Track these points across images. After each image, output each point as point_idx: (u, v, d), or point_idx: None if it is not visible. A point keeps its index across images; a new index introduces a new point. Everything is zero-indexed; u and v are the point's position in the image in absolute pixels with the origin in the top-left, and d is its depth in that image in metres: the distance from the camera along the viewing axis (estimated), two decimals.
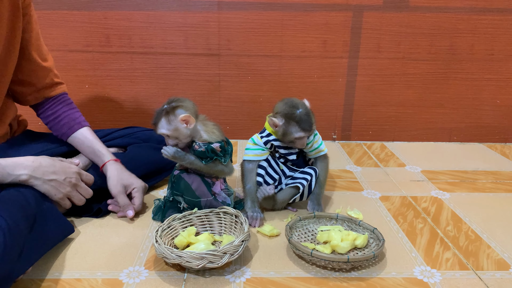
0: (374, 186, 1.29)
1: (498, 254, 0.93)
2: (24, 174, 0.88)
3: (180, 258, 0.80)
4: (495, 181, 1.36)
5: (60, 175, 0.93)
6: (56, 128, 1.14)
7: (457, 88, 1.71)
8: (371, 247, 0.93)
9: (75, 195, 0.97)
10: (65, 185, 0.94)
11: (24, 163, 0.89)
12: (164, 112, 0.96)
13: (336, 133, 1.76)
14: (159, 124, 0.97)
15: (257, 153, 1.08)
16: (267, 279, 0.83)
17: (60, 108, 1.13)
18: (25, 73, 1.07)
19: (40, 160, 0.92)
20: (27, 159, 0.90)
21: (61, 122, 1.13)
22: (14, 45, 1.00)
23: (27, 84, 1.09)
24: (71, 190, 0.96)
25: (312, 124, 1.00)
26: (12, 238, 0.73)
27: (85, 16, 1.55)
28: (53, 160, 0.95)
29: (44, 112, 1.14)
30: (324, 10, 1.59)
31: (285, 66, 1.66)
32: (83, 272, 0.84)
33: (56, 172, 0.93)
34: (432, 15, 1.61)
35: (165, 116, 0.96)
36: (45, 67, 1.09)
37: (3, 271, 0.70)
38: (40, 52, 1.08)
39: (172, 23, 1.58)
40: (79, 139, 1.12)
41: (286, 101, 1.02)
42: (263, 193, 1.06)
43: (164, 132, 0.97)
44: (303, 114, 0.99)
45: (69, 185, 0.95)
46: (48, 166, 0.92)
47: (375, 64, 1.67)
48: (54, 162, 0.94)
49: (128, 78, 1.64)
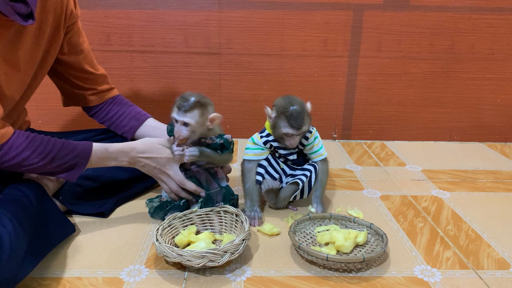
0: (375, 185, 1.29)
1: (498, 253, 0.94)
2: (125, 161, 0.99)
3: (181, 257, 0.80)
4: (495, 180, 1.36)
5: (151, 162, 1.01)
6: (123, 125, 1.18)
7: (458, 88, 1.71)
8: (371, 243, 0.93)
9: (167, 181, 1.04)
10: (155, 171, 1.03)
11: (125, 149, 0.98)
12: (198, 104, 0.96)
13: (336, 132, 1.76)
14: (190, 113, 0.95)
15: (257, 152, 1.08)
16: (267, 278, 0.83)
17: (122, 107, 1.19)
18: (83, 81, 1.13)
19: (136, 147, 1.00)
20: (129, 147, 0.99)
21: (128, 117, 1.18)
22: (49, 59, 1.03)
23: (87, 89, 1.15)
24: (162, 176, 1.03)
25: (302, 123, 0.99)
26: (17, 240, 0.73)
27: (86, 14, 1.55)
28: (150, 145, 1.02)
29: (107, 114, 1.19)
30: (325, 9, 1.59)
31: (285, 65, 1.66)
32: (83, 270, 0.84)
33: (148, 159, 1.01)
34: (433, 14, 1.61)
35: (199, 108, 0.96)
36: (99, 75, 1.16)
37: (10, 272, 0.70)
38: (92, 64, 1.14)
39: (173, 22, 1.58)
40: (152, 127, 1.18)
41: (285, 97, 1.03)
42: (268, 185, 1.05)
43: (191, 122, 0.95)
44: (295, 111, 0.98)
45: (158, 172, 1.03)
46: (141, 154, 1.00)
47: (376, 63, 1.67)
48: (147, 148, 1.01)
49: (128, 76, 1.64)
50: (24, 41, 0.91)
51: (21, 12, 0.82)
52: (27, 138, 0.86)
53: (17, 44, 0.89)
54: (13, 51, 0.89)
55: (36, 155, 0.86)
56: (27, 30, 0.90)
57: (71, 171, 0.92)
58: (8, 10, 0.79)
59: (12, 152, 0.84)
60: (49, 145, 0.88)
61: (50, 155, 0.88)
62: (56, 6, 0.97)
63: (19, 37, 0.89)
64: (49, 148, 0.88)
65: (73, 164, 0.91)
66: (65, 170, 0.91)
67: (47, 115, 1.64)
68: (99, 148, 0.95)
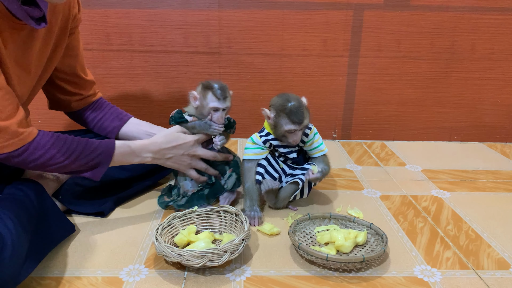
0: (375, 185, 1.29)
1: (499, 254, 0.93)
2: (149, 157, 1.00)
3: (180, 257, 0.80)
4: (495, 180, 1.36)
5: (178, 150, 1.03)
6: (106, 125, 1.18)
7: (458, 87, 1.71)
8: (371, 243, 0.93)
9: (197, 164, 1.07)
10: (184, 158, 1.04)
11: (149, 146, 1.00)
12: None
13: (336, 132, 1.76)
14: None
15: (256, 152, 1.08)
16: (267, 278, 0.83)
17: (104, 108, 1.20)
18: (72, 85, 1.13)
19: (159, 141, 1.02)
20: (152, 142, 1.01)
21: (110, 117, 1.18)
22: (53, 61, 1.03)
23: (73, 94, 1.15)
24: (192, 161, 1.06)
25: (303, 117, 0.99)
26: (19, 239, 0.73)
27: (85, 14, 1.55)
28: (171, 135, 1.03)
29: (89, 115, 1.19)
30: (325, 8, 1.59)
31: (285, 64, 1.66)
32: (83, 270, 0.84)
33: (175, 148, 1.03)
34: (433, 14, 1.61)
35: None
36: (89, 81, 1.16)
37: (12, 272, 0.70)
38: (83, 68, 1.14)
39: (173, 21, 1.58)
40: (135, 124, 1.19)
41: (280, 95, 1.03)
42: (268, 185, 1.05)
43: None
44: (294, 107, 0.98)
45: (188, 158, 1.05)
46: (166, 145, 1.02)
47: (376, 63, 1.67)
48: (170, 139, 1.03)
49: (128, 76, 1.64)
50: (35, 44, 0.91)
51: (34, 16, 0.82)
52: (52, 137, 0.87)
53: (29, 47, 0.89)
54: (25, 54, 0.89)
55: (62, 154, 0.87)
56: (38, 33, 0.91)
57: (96, 169, 0.93)
58: (22, 14, 0.80)
59: (38, 152, 0.85)
60: (73, 143, 0.89)
61: (75, 153, 0.89)
62: (64, 9, 0.98)
63: (30, 40, 0.89)
64: (73, 146, 0.89)
65: (97, 162, 0.93)
66: (89, 168, 0.93)
67: (47, 115, 1.64)
68: (122, 145, 0.97)
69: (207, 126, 1.06)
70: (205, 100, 1.04)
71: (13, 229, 0.73)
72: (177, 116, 1.08)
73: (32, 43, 0.90)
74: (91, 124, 1.19)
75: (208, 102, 1.03)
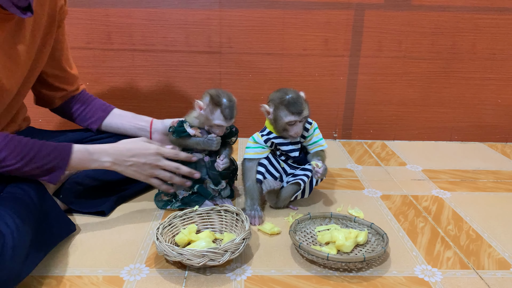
0: (375, 185, 1.29)
1: (499, 254, 0.93)
2: (108, 161, 0.94)
3: (181, 256, 0.80)
4: (495, 180, 1.36)
5: (140, 158, 0.97)
6: (89, 116, 1.18)
7: (458, 87, 1.71)
8: (372, 243, 0.93)
9: (160, 173, 1.01)
10: (146, 167, 0.98)
11: (108, 150, 0.95)
12: (235, 105, 1.05)
13: (337, 132, 1.76)
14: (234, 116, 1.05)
15: (258, 151, 1.08)
16: (268, 277, 0.83)
17: (87, 100, 1.19)
18: (57, 80, 1.13)
19: (120, 147, 0.96)
20: (112, 146, 0.96)
21: (93, 109, 1.18)
22: (44, 53, 1.03)
23: (58, 90, 1.14)
24: (154, 170, 1.00)
25: (302, 107, 1.00)
26: (20, 238, 0.73)
27: (86, 13, 1.55)
28: (134, 143, 0.99)
29: (70, 108, 1.18)
30: (326, 8, 1.59)
31: (286, 64, 1.65)
32: (84, 269, 0.84)
33: (136, 156, 0.97)
34: (434, 14, 1.61)
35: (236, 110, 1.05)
36: (73, 75, 1.16)
37: (13, 270, 0.70)
38: (68, 61, 1.14)
39: (173, 21, 1.58)
40: (118, 115, 1.19)
41: (278, 90, 1.04)
42: (269, 185, 1.05)
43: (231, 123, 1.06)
44: (292, 99, 1.00)
45: (150, 167, 0.99)
46: (127, 152, 0.96)
47: (376, 62, 1.67)
48: (133, 146, 0.98)
49: (129, 75, 1.64)
50: (23, 35, 0.91)
51: (19, 5, 0.82)
52: (5, 139, 0.84)
53: (17, 38, 0.89)
54: (13, 45, 0.88)
55: (13, 157, 0.83)
56: (25, 24, 0.90)
57: (52, 173, 0.88)
58: (6, 3, 0.80)
59: None
60: (26, 146, 0.85)
61: (28, 156, 0.85)
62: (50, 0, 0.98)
63: (18, 31, 0.89)
64: (26, 149, 0.85)
65: (53, 166, 0.88)
66: (45, 172, 0.88)
67: (47, 113, 1.63)
68: (80, 149, 0.92)
69: (211, 143, 1.04)
70: (212, 115, 1.02)
71: (14, 228, 0.73)
72: (179, 129, 1.06)
73: (20, 34, 0.89)
74: (74, 116, 1.19)
75: (214, 118, 1.02)
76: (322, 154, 1.10)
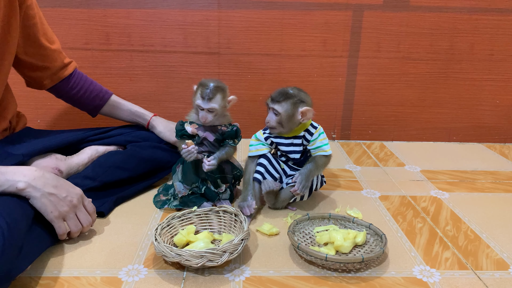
0: (374, 186, 1.29)
1: (497, 254, 0.94)
2: (22, 182, 0.81)
3: (180, 257, 0.80)
4: (494, 181, 1.36)
5: (61, 191, 0.86)
6: (86, 103, 1.18)
7: (457, 88, 1.71)
8: (370, 243, 0.93)
9: (72, 218, 0.88)
10: (64, 204, 0.86)
11: (25, 171, 0.83)
12: (219, 89, 1.04)
13: (335, 133, 1.76)
14: (215, 98, 1.03)
15: (259, 148, 1.10)
16: (266, 278, 0.83)
17: (83, 85, 1.17)
18: (38, 58, 1.09)
19: (44, 172, 0.86)
20: (30, 168, 0.85)
21: (90, 96, 1.18)
22: (11, 36, 0.99)
23: (43, 69, 1.11)
24: (69, 212, 0.87)
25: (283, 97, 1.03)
26: (11, 237, 0.73)
27: (85, 13, 1.55)
28: (58, 177, 0.89)
29: (67, 92, 1.17)
30: (324, 9, 1.59)
31: (284, 65, 1.66)
32: (82, 270, 0.84)
33: (58, 187, 0.86)
34: (432, 14, 1.61)
35: (221, 92, 1.04)
36: (55, 50, 1.12)
37: (2, 269, 0.70)
38: (47, 36, 1.10)
39: (172, 21, 1.58)
40: (113, 106, 1.20)
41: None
42: (268, 186, 1.05)
43: (215, 106, 1.03)
44: (284, 88, 1.04)
45: (68, 205, 0.87)
46: (51, 179, 0.85)
47: (375, 63, 1.67)
48: (58, 178, 0.88)
49: (128, 76, 1.64)
50: None
51: None
52: None
53: None
54: None
55: None
56: None
57: None
58: None
59: None
60: None
61: None
62: None
63: None
64: None
65: None
66: None
67: (46, 114, 1.64)
68: None
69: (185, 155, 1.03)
70: (194, 96, 1.05)
71: (5, 227, 0.72)
72: (179, 128, 1.06)
73: None
74: (71, 101, 1.19)
75: (195, 98, 1.05)
76: (319, 160, 1.07)
